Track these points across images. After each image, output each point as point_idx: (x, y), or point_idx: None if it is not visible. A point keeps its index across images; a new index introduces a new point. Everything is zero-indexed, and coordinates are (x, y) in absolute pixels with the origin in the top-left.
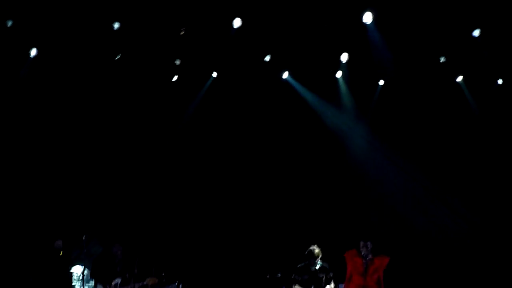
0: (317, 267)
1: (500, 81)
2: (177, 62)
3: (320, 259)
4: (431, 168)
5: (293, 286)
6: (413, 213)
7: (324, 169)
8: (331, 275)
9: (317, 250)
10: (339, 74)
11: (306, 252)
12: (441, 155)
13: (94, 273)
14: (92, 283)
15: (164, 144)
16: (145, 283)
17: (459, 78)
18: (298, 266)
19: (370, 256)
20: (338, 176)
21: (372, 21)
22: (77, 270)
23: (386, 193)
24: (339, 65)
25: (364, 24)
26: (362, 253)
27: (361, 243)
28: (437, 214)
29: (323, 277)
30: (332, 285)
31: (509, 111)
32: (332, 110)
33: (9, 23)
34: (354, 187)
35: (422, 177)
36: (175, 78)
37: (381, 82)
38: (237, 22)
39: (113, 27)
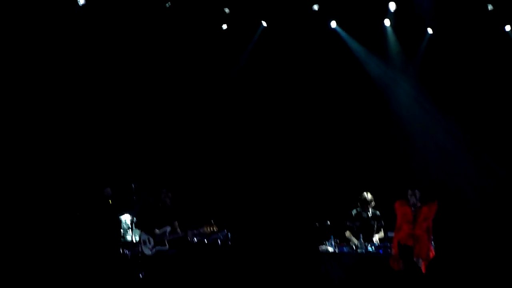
0: (370, 214)
1: None
2: (227, 10)
3: (372, 207)
4: (475, 126)
5: (345, 232)
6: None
7: (369, 120)
8: (382, 223)
9: (370, 197)
10: (387, 22)
11: (360, 199)
12: (489, 111)
13: (139, 222)
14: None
15: (215, 94)
16: (201, 231)
17: (508, 28)
18: (350, 212)
19: (418, 205)
20: (381, 128)
21: None
22: (126, 218)
23: (428, 149)
24: (386, 13)
25: None
26: (411, 202)
27: (409, 192)
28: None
29: (374, 224)
30: (382, 233)
31: None
32: (378, 61)
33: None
34: (397, 140)
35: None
36: (224, 26)
37: (430, 31)
38: None
39: None
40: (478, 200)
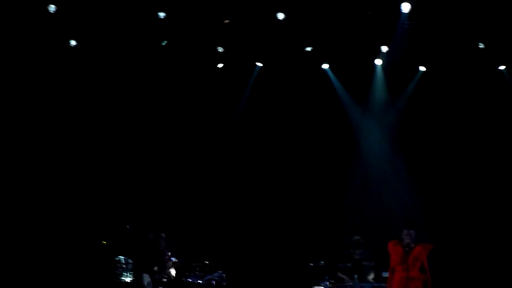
0: (360, 255)
1: None
2: (220, 49)
3: (363, 247)
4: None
5: (337, 273)
6: None
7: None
8: (374, 264)
9: (359, 238)
10: (378, 62)
11: (351, 240)
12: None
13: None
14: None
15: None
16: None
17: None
18: (342, 253)
19: (412, 245)
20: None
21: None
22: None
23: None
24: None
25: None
26: (405, 242)
27: (405, 231)
28: None
29: (366, 265)
30: (373, 274)
31: None
32: (358, 107)
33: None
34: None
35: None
36: (220, 65)
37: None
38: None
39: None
40: None
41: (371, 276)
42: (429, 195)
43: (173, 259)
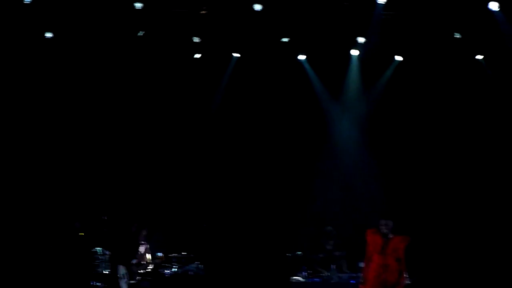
0: (333, 246)
1: None
2: (196, 39)
3: (335, 238)
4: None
5: (314, 266)
6: None
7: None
8: (345, 253)
9: (331, 229)
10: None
11: (323, 231)
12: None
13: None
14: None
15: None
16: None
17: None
18: (313, 245)
19: (390, 235)
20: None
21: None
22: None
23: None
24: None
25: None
26: (383, 232)
27: (382, 221)
28: None
29: (339, 255)
30: (346, 263)
31: None
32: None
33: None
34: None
35: None
36: (197, 55)
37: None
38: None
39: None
40: None
41: (344, 266)
42: (398, 185)
43: (160, 254)
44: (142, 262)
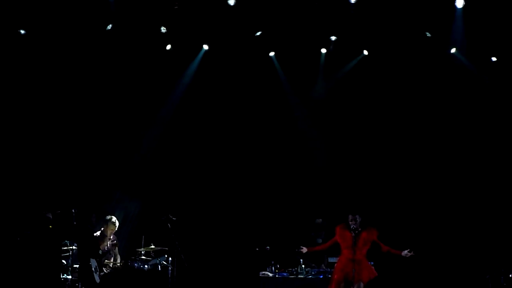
0: (323, 237)
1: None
2: (163, 29)
3: (326, 229)
4: None
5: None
6: None
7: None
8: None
9: (322, 221)
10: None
11: (314, 224)
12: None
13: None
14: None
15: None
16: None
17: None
18: (303, 238)
19: (359, 230)
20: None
21: None
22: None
23: None
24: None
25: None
26: (351, 227)
27: (350, 217)
28: None
29: None
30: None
31: None
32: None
33: None
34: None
35: None
36: (168, 47)
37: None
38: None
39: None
40: None
41: (325, 263)
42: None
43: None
44: (109, 253)
